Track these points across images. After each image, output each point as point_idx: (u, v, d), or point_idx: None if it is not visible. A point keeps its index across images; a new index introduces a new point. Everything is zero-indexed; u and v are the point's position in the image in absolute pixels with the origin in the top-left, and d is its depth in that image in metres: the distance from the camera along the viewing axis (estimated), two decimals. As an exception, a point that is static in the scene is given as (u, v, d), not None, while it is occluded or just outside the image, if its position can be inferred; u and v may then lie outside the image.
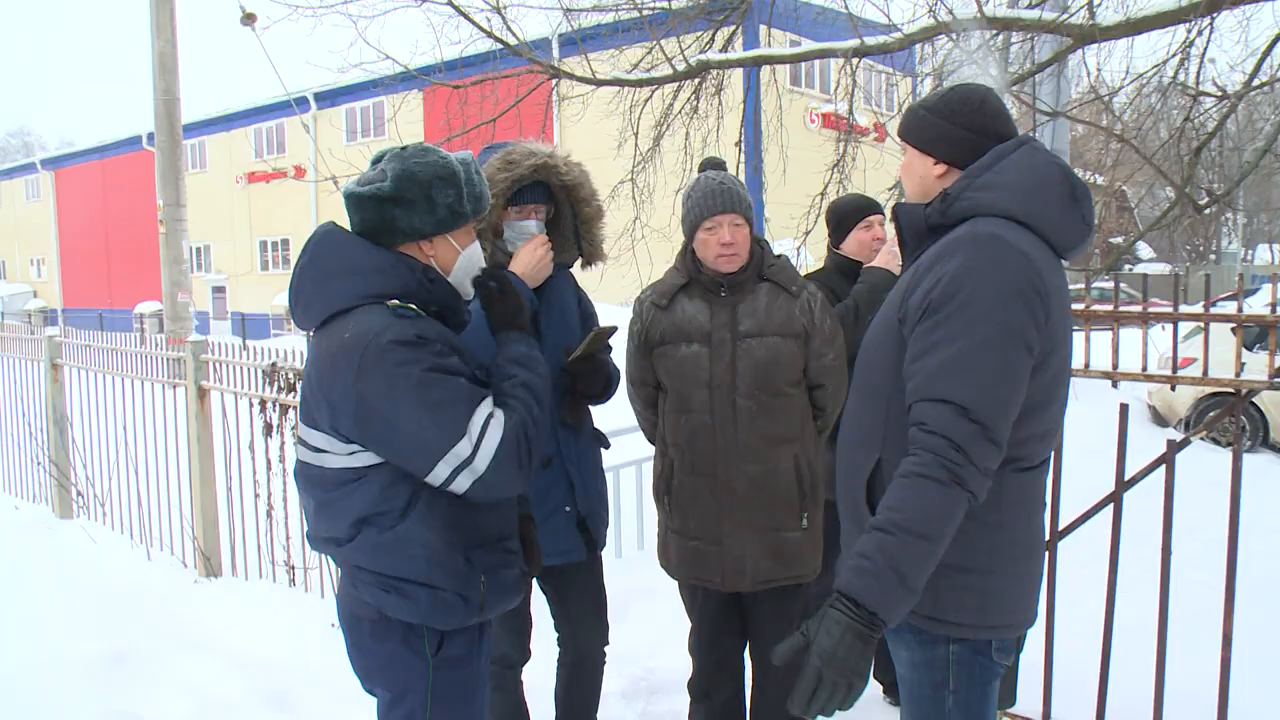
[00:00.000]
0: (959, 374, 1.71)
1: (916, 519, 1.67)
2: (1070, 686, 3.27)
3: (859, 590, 1.66)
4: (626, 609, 4.09)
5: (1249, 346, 8.79)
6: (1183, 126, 5.55)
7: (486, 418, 1.90)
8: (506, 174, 2.55)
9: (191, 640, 4.07)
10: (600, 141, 6.92)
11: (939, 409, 1.71)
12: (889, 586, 1.66)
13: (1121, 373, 3.17)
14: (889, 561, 1.66)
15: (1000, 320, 1.71)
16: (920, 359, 1.77)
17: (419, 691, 2.00)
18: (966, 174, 1.89)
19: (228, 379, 4.78)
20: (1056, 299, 1.79)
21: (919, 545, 1.67)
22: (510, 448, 1.91)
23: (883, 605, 1.66)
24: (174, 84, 11.81)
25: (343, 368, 1.86)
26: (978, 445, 1.69)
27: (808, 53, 5.90)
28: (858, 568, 1.68)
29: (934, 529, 1.67)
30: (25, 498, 6.72)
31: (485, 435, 1.89)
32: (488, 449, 1.88)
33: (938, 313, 1.76)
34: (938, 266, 1.80)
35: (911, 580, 1.67)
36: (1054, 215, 1.84)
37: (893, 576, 1.66)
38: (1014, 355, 1.72)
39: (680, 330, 2.78)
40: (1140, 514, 3.53)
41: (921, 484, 1.68)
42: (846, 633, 1.64)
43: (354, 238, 1.99)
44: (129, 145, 34.21)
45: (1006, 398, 1.72)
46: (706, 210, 2.70)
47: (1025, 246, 1.77)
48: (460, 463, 1.87)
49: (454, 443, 1.86)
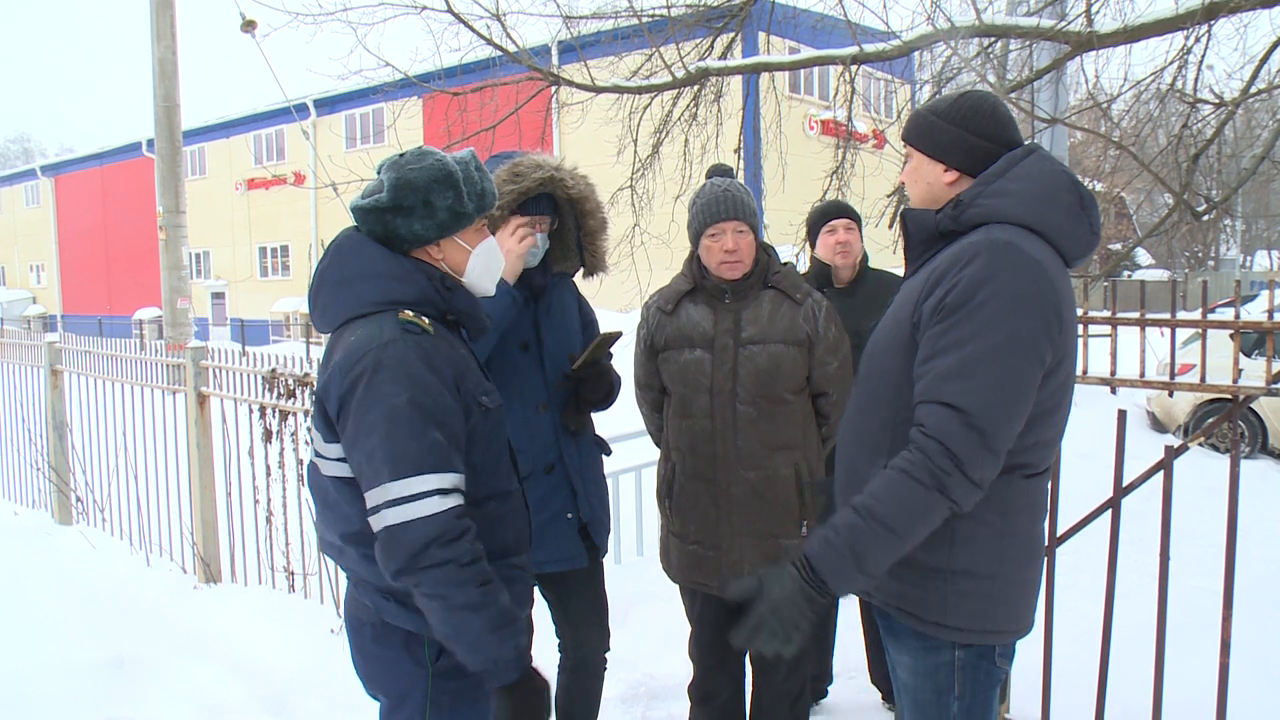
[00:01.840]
0: (965, 379, 1.71)
1: (889, 513, 1.72)
2: (1069, 692, 3.27)
3: (817, 558, 1.75)
4: (626, 614, 4.10)
5: (1247, 352, 8.80)
6: (1181, 133, 5.56)
7: (434, 490, 1.78)
8: (514, 186, 2.57)
9: (191, 646, 4.07)
10: (599, 148, 6.93)
11: (941, 412, 1.71)
12: (845, 566, 1.74)
13: (1120, 379, 3.18)
14: (852, 544, 1.73)
15: (1013, 329, 1.72)
16: (929, 361, 1.77)
17: (418, 699, 1.99)
18: (980, 180, 1.89)
19: (227, 385, 4.78)
20: (1068, 307, 1.80)
21: (884, 538, 1.72)
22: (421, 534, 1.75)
23: (835, 579, 1.75)
24: (174, 90, 11.84)
25: (340, 370, 1.86)
26: (973, 454, 1.69)
27: (807, 60, 5.92)
28: (824, 538, 1.76)
29: (903, 526, 1.72)
30: (25, 504, 6.72)
31: (416, 501, 1.77)
32: (404, 514, 1.76)
33: (951, 316, 1.76)
34: (954, 271, 1.79)
35: (868, 566, 1.74)
36: (1064, 223, 1.85)
37: (851, 558, 1.73)
38: (1024, 365, 1.73)
39: (684, 335, 2.79)
40: (1139, 519, 3.55)
41: (904, 482, 1.72)
42: (795, 590, 1.75)
43: (374, 244, 1.98)
44: (129, 151, 34.25)
45: (1012, 407, 1.72)
46: (710, 217, 2.72)
47: (1039, 255, 1.78)
48: (380, 503, 1.78)
49: (388, 480, 1.78)
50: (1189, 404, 9.36)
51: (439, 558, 1.76)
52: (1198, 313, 3.13)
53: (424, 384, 1.83)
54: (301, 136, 27.49)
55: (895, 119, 6.34)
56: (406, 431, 1.79)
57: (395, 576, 1.79)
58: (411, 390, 1.81)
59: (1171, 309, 3.05)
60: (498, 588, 1.83)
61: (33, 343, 6.58)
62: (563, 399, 2.72)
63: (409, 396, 1.80)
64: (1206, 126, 5.47)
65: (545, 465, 2.66)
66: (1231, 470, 2.90)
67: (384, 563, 1.80)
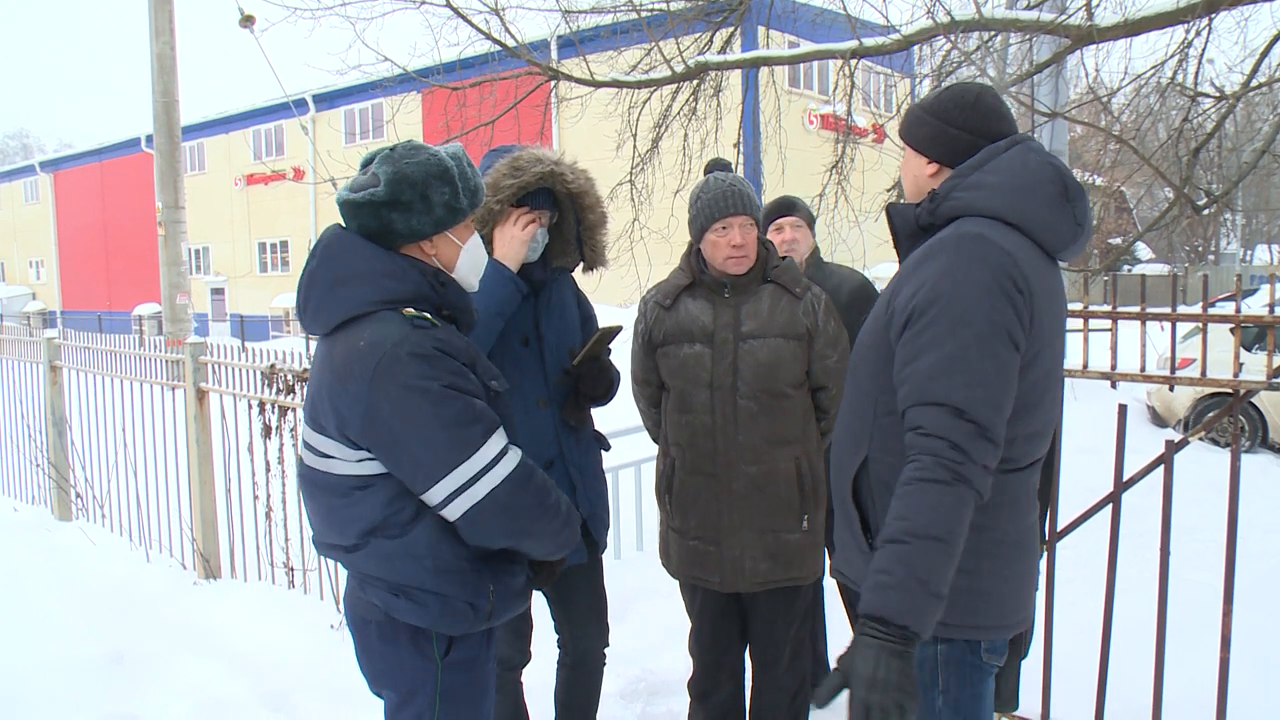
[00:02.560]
0: (950, 376, 1.71)
1: (927, 523, 1.64)
2: (1069, 687, 3.27)
3: (883, 607, 1.62)
4: (626, 610, 4.10)
5: (1247, 347, 8.80)
6: (1181, 127, 5.55)
7: (503, 448, 1.91)
8: (513, 180, 2.56)
9: (191, 642, 4.07)
10: (599, 143, 6.92)
11: (934, 412, 1.71)
12: (914, 596, 1.61)
13: (1120, 373, 3.17)
14: (909, 571, 1.62)
15: (984, 319, 1.71)
16: (910, 364, 1.77)
17: (427, 694, 1.99)
18: (955, 173, 1.88)
19: (227, 381, 4.78)
20: (1042, 298, 1.78)
21: (935, 549, 1.63)
22: (515, 486, 1.91)
23: (911, 616, 1.61)
24: (173, 86, 11.82)
25: (356, 376, 1.84)
26: (976, 444, 1.68)
27: (806, 54, 5.90)
28: (878, 584, 1.64)
29: (946, 530, 1.64)
30: (24, 500, 6.72)
31: (498, 464, 1.89)
32: (494, 478, 1.89)
33: (923, 316, 1.75)
34: (920, 270, 1.80)
35: (934, 585, 1.62)
36: (1043, 214, 1.82)
37: (915, 585, 1.61)
38: (1001, 351, 1.71)
39: (683, 330, 2.79)
40: (1139, 514, 3.54)
41: (926, 488, 1.66)
42: (882, 654, 1.60)
43: (364, 242, 1.96)
44: (128, 147, 34.20)
45: (999, 395, 1.71)
46: (717, 212, 2.70)
47: (1009, 245, 1.76)
48: (463, 483, 1.86)
49: (464, 459, 1.86)
50: (1189, 398, 9.37)
51: (528, 501, 1.94)
52: (1198, 307, 3.12)
53: (450, 367, 1.88)
54: (301, 132, 27.48)
55: (895, 113, 6.33)
56: (455, 410, 1.86)
57: (501, 540, 1.95)
58: (441, 375, 1.85)
59: (1172, 303, 3.04)
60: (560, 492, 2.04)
61: (32, 339, 6.58)
62: (562, 395, 2.71)
63: (441, 381, 1.85)
64: (1207, 120, 5.47)
65: (545, 461, 2.65)
66: (1232, 465, 2.90)
67: (487, 533, 1.92)
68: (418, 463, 1.85)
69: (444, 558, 1.92)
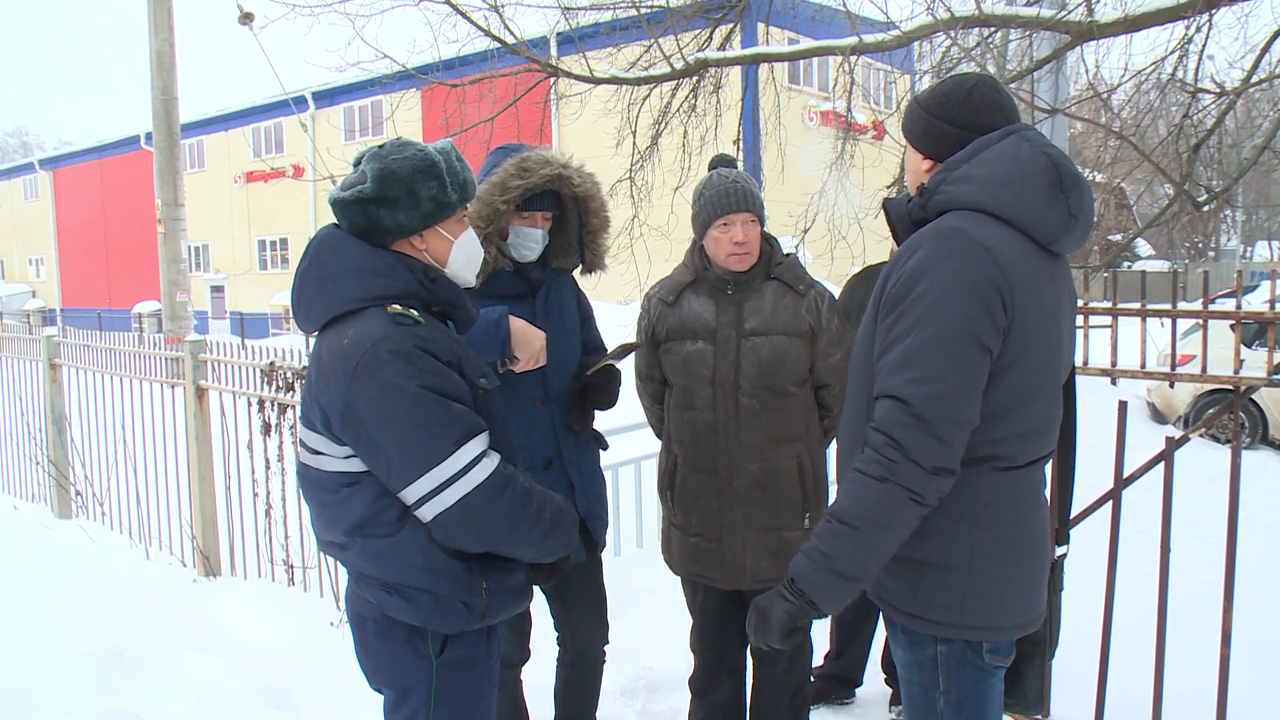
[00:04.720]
0: (904, 369, 1.72)
1: (847, 509, 1.74)
2: (1069, 683, 3.27)
3: (796, 572, 1.79)
4: (625, 608, 4.10)
5: (1248, 343, 8.79)
6: (1181, 123, 5.54)
7: (479, 454, 1.88)
8: (520, 181, 2.55)
9: (190, 639, 4.07)
10: (598, 140, 6.91)
11: (886, 404, 1.73)
12: (821, 573, 1.75)
13: (1120, 370, 3.17)
14: (824, 548, 1.75)
15: (949, 316, 1.70)
16: (882, 356, 1.79)
17: (422, 692, 1.99)
18: (944, 166, 1.88)
19: (226, 378, 4.77)
20: (1027, 293, 1.75)
21: (847, 535, 1.73)
22: (489, 495, 1.87)
23: (815, 590, 1.76)
24: (172, 83, 11.81)
25: (337, 373, 1.85)
26: (917, 441, 1.68)
27: (806, 50, 5.90)
28: (803, 550, 1.79)
29: (863, 521, 1.72)
30: (24, 498, 6.72)
31: (470, 470, 1.86)
32: (466, 485, 1.85)
33: (896, 308, 1.77)
34: (901, 262, 1.81)
35: (839, 565, 1.74)
36: (1032, 206, 1.78)
37: (823, 561, 1.75)
38: (964, 349, 1.70)
39: (686, 327, 2.78)
40: (1139, 511, 3.54)
41: (858, 479, 1.74)
42: (778, 605, 1.80)
43: (353, 239, 1.96)
44: (127, 145, 34.18)
45: (954, 393, 1.69)
46: (720, 209, 2.70)
47: (990, 240, 1.74)
48: (434, 488, 1.84)
49: (436, 463, 1.84)
50: (1190, 395, 9.36)
51: (502, 510, 1.89)
52: (1198, 303, 3.12)
53: (430, 368, 1.86)
54: (300, 129, 27.46)
55: (895, 110, 6.32)
56: (431, 412, 1.83)
57: (475, 546, 1.92)
58: (420, 375, 1.84)
59: (1172, 299, 3.04)
60: (547, 499, 2.00)
61: (32, 337, 6.57)
62: (568, 399, 2.71)
63: (420, 381, 1.83)
64: (1207, 116, 5.46)
65: (543, 460, 2.65)
66: (1232, 461, 2.90)
67: (458, 539, 1.89)
68: (390, 463, 1.85)
69: (435, 556, 1.91)
